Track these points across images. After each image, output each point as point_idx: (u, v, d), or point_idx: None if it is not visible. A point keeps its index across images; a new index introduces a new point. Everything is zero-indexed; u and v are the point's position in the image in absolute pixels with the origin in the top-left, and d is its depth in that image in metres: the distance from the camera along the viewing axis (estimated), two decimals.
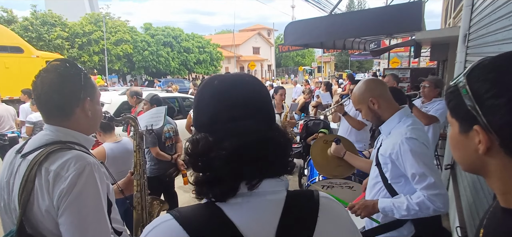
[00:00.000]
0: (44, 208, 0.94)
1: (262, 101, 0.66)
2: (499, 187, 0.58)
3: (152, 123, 2.29)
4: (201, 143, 0.62)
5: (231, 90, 0.64)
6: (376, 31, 5.39)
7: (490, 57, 0.56)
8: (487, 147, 0.54)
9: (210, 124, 0.63)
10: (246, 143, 0.60)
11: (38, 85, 1.02)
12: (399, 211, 1.40)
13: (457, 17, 6.75)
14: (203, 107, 0.65)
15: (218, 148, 0.60)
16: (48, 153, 0.96)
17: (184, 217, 0.60)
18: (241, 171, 0.60)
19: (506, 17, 1.79)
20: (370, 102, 1.53)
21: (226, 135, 0.60)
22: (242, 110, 0.62)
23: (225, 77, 0.67)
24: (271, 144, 0.62)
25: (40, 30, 19.36)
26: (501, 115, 0.50)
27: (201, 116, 0.64)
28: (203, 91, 0.66)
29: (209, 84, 0.66)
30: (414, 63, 19.28)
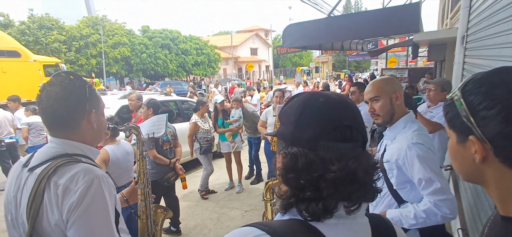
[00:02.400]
0: (53, 222, 0.94)
1: (363, 124, 0.67)
2: (497, 196, 0.60)
3: (154, 131, 2.29)
4: (301, 159, 0.61)
5: (340, 110, 0.64)
6: (374, 33, 5.41)
7: (483, 72, 0.59)
8: (482, 156, 0.57)
9: (313, 140, 0.61)
10: (356, 167, 0.60)
11: (43, 99, 1.01)
12: (407, 221, 1.39)
13: (454, 18, 6.79)
14: (307, 121, 0.63)
15: (324, 169, 0.59)
16: (56, 166, 0.96)
17: (278, 233, 0.59)
18: (346, 193, 0.60)
19: (505, 20, 1.80)
20: (394, 95, 1.51)
21: (332, 155, 0.60)
22: (349, 132, 0.62)
23: (330, 96, 0.67)
24: (373, 169, 0.64)
25: (37, 33, 19.26)
26: (493, 126, 0.53)
27: (304, 130, 0.63)
28: (307, 106, 0.65)
29: (314, 100, 0.66)
30: (412, 62, 19.37)
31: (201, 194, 4.64)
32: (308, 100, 0.66)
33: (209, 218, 4.03)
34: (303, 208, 0.60)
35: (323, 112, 0.63)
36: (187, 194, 4.75)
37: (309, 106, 0.65)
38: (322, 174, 0.59)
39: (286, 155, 0.63)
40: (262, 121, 4.57)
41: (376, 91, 1.55)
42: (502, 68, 0.58)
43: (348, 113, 0.65)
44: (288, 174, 0.62)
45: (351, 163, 0.60)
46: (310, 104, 0.65)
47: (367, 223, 0.66)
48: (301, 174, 0.60)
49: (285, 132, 0.66)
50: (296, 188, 0.61)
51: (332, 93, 0.69)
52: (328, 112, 0.63)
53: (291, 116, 0.66)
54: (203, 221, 3.95)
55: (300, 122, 0.64)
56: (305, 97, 0.67)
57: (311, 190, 0.59)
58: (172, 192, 3.62)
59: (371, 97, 1.57)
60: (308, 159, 0.60)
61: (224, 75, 35.56)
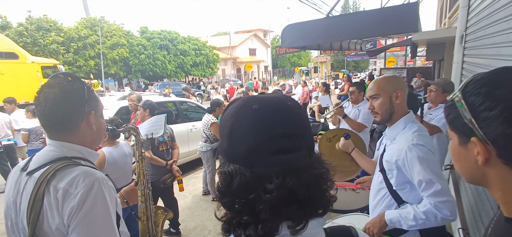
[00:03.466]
0: (54, 227, 0.93)
1: (306, 129, 0.59)
2: (501, 197, 0.59)
3: (152, 132, 2.28)
4: (236, 179, 0.54)
5: (277, 116, 0.56)
6: (373, 33, 5.42)
7: (483, 73, 0.59)
8: (485, 158, 0.56)
9: (248, 156, 0.54)
10: (294, 183, 0.52)
11: (41, 101, 1.00)
12: (407, 222, 1.38)
13: (452, 17, 6.81)
14: (240, 135, 0.55)
15: (261, 189, 0.52)
16: (55, 170, 0.95)
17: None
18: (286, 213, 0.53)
19: (504, 19, 1.80)
20: (395, 94, 1.50)
21: (269, 170, 0.53)
22: (288, 141, 0.54)
23: (266, 101, 0.58)
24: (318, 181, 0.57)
25: (35, 35, 19.18)
26: (496, 126, 0.53)
27: (236, 145, 0.55)
28: (240, 116, 0.57)
29: (246, 108, 0.57)
30: (410, 62, 19.42)
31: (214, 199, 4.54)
32: (240, 109, 0.57)
33: (208, 219, 4.02)
34: (241, 233, 0.54)
35: (257, 120, 0.55)
36: (187, 195, 4.74)
37: (241, 115, 0.56)
38: (258, 195, 0.52)
39: (221, 175, 0.56)
40: None
41: (376, 89, 1.55)
42: (502, 68, 0.58)
43: (287, 118, 0.56)
44: (222, 197, 0.56)
45: (288, 180, 0.52)
46: (242, 113, 0.57)
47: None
48: (236, 196, 0.54)
49: (221, 147, 0.59)
50: (232, 212, 0.55)
51: (269, 97, 0.60)
52: (263, 120, 0.55)
53: (225, 129, 0.58)
54: (203, 222, 3.94)
55: (233, 135, 0.56)
56: (238, 105, 0.59)
57: (247, 214, 0.53)
58: (170, 193, 3.60)
59: (371, 95, 1.57)
60: (243, 179, 0.53)
61: (223, 76, 35.56)
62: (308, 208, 0.55)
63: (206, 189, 4.76)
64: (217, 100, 4.72)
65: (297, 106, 0.60)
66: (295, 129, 0.56)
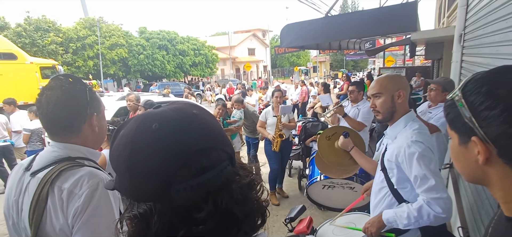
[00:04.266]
0: (58, 227, 0.93)
1: (221, 137, 0.50)
2: (501, 196, 0.59)
3: None
4: (154, 221, 0.44)
5: (187, 132, 0.46)
6: (372, 32, 5.43)
7: (483, 72, 0.59)
8: (486, 157, 0.56)
9: (160, 189, 0.43)
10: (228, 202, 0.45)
11: (43, 104, 1.00)
12: (401, 220, 1.38)
13: (451, 16, 6.82)
14: (143, 166, 0.44)
15: (190, 222, 0.43)
16: (59, 171, 0.95)
17: None
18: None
19: (503, 19, 1.81)
20: (397, 93, 1.50)
21: (191, 199, 0.43)
22: (206, 157, 0.46)
23: (166, 116, 0.47)
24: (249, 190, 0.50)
25: (34, 36, 19.13)
26: (496, 126, 0.53)
27: (143, 180, 0.44)
28: (137, 141, 0.45)
29: (144, 129, 0.46)
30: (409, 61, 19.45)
31: None
32: (136, 133, 0.46)
33: None
34: None
35: (162, 142, 0.44)
36: None
37: (140, 140, 0.45)
38: (187, 232, 0.43)
39: (132, 221, 0.45)
40: (261, 122, 4.56)
41: (379, 88, 1.55)
42: (502, 67, 0.58)
43: (198, 130, 0.47)
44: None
45: (220, 201, 0.44)
46: (139, 137, 0.45)
47: None
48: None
49: (121, 186, 0.47)
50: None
51: (170, 109, 0.49)
52: (169, 140, 0.44)
53: (120, 162, 0.46)
54: None
55: (135, 171, 0.44)
56: (132, 129, 0.47)
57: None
58: None
59: (373, 93, 1.57)
60: (163, 218, 0.43)
61: (222, 76, 35.55)
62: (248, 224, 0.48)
63: None
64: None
65: (205, 113, 0.52)
66: (210, 141, 0.47)
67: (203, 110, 0.52)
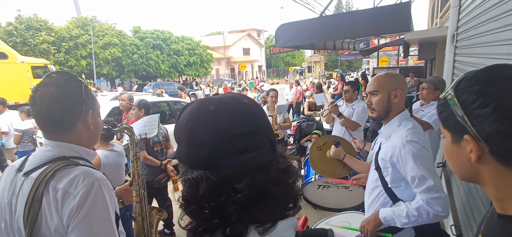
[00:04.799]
0: (53, 227, 0.91)
1: (266, 125, 0.58)
2: (494, 194, 0.60)
3: (146, 132, 2.27)
4: (202, 184, 0.52)
5: (236, 115, 0.55)
6: (366, 32, 5.46)
7: (475, 70, 0.59)
8: (478, 155, 0.57)
9: (212, 159, 0.52)
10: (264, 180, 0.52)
11: (37, 100, 0.98)
12: (400, 219, 1.39)
13: (444, 17, 6.90)
14: (200, 139, 0.53)
15: (230, 190, 0.51)
16: (54, 170, 0.93)
17: None
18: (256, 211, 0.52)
19: (495, 19, 1.84)
20: (394, 93, 1.51)
21: (234, 172, 0.51)
22: (251, 139, 0.53)
23: (222, 101, 0.56)
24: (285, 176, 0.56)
25: (25, 34, 18.83)
26: (488, 124, 0.53)
27: (198, 150, 0.53)
28: (197, 119, 0.54)
29: (202, 110, 0.55)
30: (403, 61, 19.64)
31: None
32: (196, 112, 0.56)
33: None
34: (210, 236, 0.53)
35: (216, 122, 0.53)
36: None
37: (198, 118, 0.54)
38: (228, 197, 0.51)
39: (186, 183, 0.54)
40: None
41: (376, 86, 1.55)
42: (494, 66, 0.59)
43: (247, 116, 0.56)
44: (190, 206, 0.54)
45: (258, 177, 0.52)
46: (198, 116, 0.55)
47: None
48: (204, 202, 0.52)
49: (180, 154, 0.57)
50: (201, 219, 0.53)
51: (225, 96, 0.59)
52: (222, 121, 0.53)
53: (182, 135, 0.55)
54: None
55: (192, 140, 0.53)
56: (193, 108, 0.57)
57: (218, 218, 0.52)
58: (164, 193, 3.58)
59: (370, 91, 1.58)
60: (210, 183, 0.52)
61: (217, 76, 35.46)
62: (280, 205, 0.55)
63: None
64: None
65: (254, 103, 0.60)
66: (256, 126, 0.55)
67: (252, 101, 0.62)
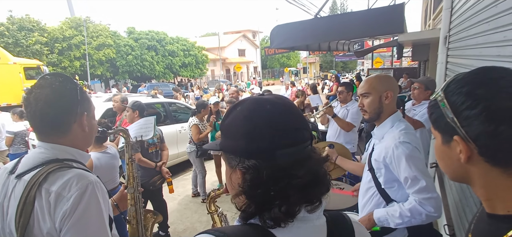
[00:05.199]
0: (45, 231, 0.90)
1: (308, 124, 0.68)
2: (483, 194, 0.61)
3: (142, 134, 2.25)
4: (266, 171, 0.59)
5: (288, 113, 0.63)
6: (360, 34, 5.50)
7: (464, 73, 0.60)
8: (467, 156, 0.58)
9: (270, 150, 0.60)
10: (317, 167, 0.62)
11: (32, 102, 0.97)
12: (393, 220, 1.40)
13: (436, 19, 6.99)
14: (260, 133, 0.61)
15: (290, 176, 0.59)
16: (47, 173, 0.92)
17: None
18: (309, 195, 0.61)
19: (486, 21, 1.86)
20: (385, 94, 1.52)
21: (291, 161, 0.60)
22: (301, 134, 0.63)
23: (275, 101, 0.65)
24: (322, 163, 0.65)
25: (17, 35, 18.57)
26: (477, 125, 0.54)
27: (257, 142, 0.61)
28: (255, 116, 0.63)
29: (261, 108, 0.63)
30: (397, 62, 19.83)
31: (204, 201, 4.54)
32: (255, 110, 0.64)
33: (198, 221, 3.99)
34: (267, 217, 0.59)
35: (273, 119, 0.62)
36: (176, 197, 4.69)
37: (258, 116, 0.62)
38: (289, 182, 0.59)
39: (248, 170, 0.60)
40: None
41: (367, 88, 1.57)
42: (482, 68, 0.60)
43: (295, 115, 0.65)
44: (256, 190, 0.59)
45: (311, 164, 0.61)
46: (258, 114, 0.63)
47: (323, 224, 0.66)
48: (269, 186, 0.59)
49: (235, 146, 0.63)
50: (264, 201, 0.59)
51: (275, 97, 0.67)
52: (278, 118, 0.62)
53: (239, 129, 0.63)
54: (193, 225, 3.90)
55: (252, 135, 0.61)
56: (251, 107, 0.64)
57: (279, 199, 0.59)
58: (159, 195, 3.56)
59: (362, 93, 1.60)
60: (271, 170, 0.59)
61: (212, 77, 35.38)
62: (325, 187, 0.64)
63: (195, 190, 4.72)
64: (202, 102, 4.70)
65: (295, 105, 0.69)
66: (302, 123, 0.65)
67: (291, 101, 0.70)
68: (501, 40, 1.55)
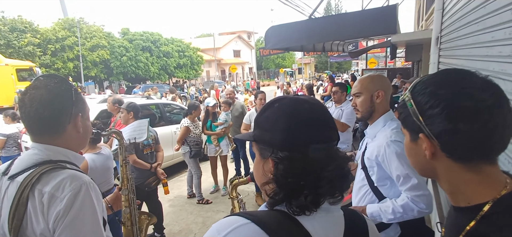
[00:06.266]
0: (39, 232, 0.90)
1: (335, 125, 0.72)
2: (447, 188, 0.65)
3: (135, 136, 2.25)
4: (297, 163, 0.64)
5: (322, 113, 0.70)
6: (354, 34, 5.54)
7: (430, 74, 0.65)
8: (431, 152, 0.62)
9: (305, 145, 0.65)
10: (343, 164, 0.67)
11: (26, 103, 0.97)
12: (386, 215, 1.43)
13: (429, 20, 7.07)
14: (299, 128, 0.66)
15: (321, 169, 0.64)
16: (40, 173, 0.92)
17: (262, 222, 0.62)
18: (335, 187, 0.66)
19: (475, 22, 1.90)
20: (376, 93, 1.56)
21: (322, 156, 0.65)
22: (333, 133, 0.69)
23: (312, 102, 0.71)
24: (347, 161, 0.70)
25: (9, 36, 18.31)
26: (438, 123, 0.58)
27: (296, 136, 0.66)
28: (296, 114, 0.68)
29: (301, 107, 0.69)
30: (391, 63, 19.99)
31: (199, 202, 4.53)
32: (295, 108, 0.69)
33: (194, 222, 3.98)
34: (294, 204, 0.64)
35: (311, 117, 0.67)
36: (172, 198, 4.68)
37: (298, 113, 0.68)
38: (319, 174, 0.63)
39: (281, 161, 0.65)
40: (245, 124, 4.55)
41: (359, 88, 1.61)
42: (446, 70, 0.64)
43: (328, 116, 0.71)
44: (288, 178, 0.64)
45: (340, 161, 0.67)
46: (298, 111, 0.68)
47: (341, 216, 0.72)
48: (301, 176, 0.64)
49: (272, 138, 0.68)
50: (294, 189, 0.64)
51: (311, 99, 0.73)
52: (315, 117, 0.68)
53: (278, 124, 0.68)
54: (188, 226, 3.89)
55: (292, 129, 0.66)
56: (292, 104, 0.70)
57: (308, 188, 0.64)
58: (155, 197, 3.55)
59: (354, 93, 1.64)
60: (303, 162, 0.64)
61: (208, 78, 35.29)
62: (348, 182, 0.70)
63: (190, 192, 4.71)
64: (194, 104, 4.70)
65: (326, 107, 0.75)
66: (333, 123, 0.71)
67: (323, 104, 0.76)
68: (489, 41, 1.59)
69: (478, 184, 0.60)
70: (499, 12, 1.43)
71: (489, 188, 0.59)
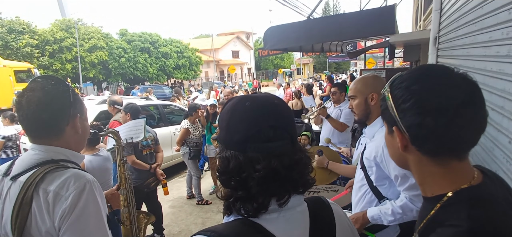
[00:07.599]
0: (44, 230, 0.91)
1: (289, 123, 0.70)
2: (417, 179, 0.69)
3: (132, 136, 2.25)
4: (232, 162, 0.65)
5: (265, 111, 0.67)
6: (352, 35, 5.55)
7: (407, 70, 0.66)
8: (404, 145, 0.64)
9: (241, 143, 0.65)
10: (277, 165, 0.64)
11: (24, 105, 0.97)
12: (386, 217, 1.43)
13: (427, 20, 7.10)
14: (235, 126, 0.67)
15: (251, 169, 0.63)
16: (44, 173, 0.93)
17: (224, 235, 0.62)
18: (272, 189, 0.65)
19: (473, 22, 1.91)
20: (370, 96, 1.56)
21: (258, 155, 0.64)
22: (273, 132, 0.66)
23: (256, 98, 0.70)
24: (297, 164, 0.68)
25: (7, 38, 18.26)
26: (409, 116, 0.60)
27: (232, 134, 0.66)
28: (235, 111, 0.69)
29: (240, 104, 0.69)
30: (389, 63, 20.03)
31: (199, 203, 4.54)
32: (235, 105, 0.70)
33: (193, 223, 3.98)
34: (239, 207, 0.65)
35: (249, 115, 0.66)
36: (171, 199, 4.67)
37: (236, 110, 0.68)
38: (249, 174, 0.63)
39: (220, 159, 0.68)
40: None
41: (353, 91, 1.64)
42: (422, 65, 0.66)
43: (273, 113, 0.68)
44: (221, 176, 0.67)
45: (273, 162, 0.64)
46: (237, 108, 0.69)
47: (305, 210, 0.72)
48: (231, 175, 0.65)
49: (220, 136, 0.71)
50: (229, 188, 0.66)
51: (260, 95, 0.73)
52: (253, 114, 0.66)
53: (223, 121, 0.70)
54: (188, 227, 3.89)
55: (230, 126, 0.67)
56: (234, 102, 0.71)
57: (241, 190, 0.64)
58: (154, 197, 3.54)
59: (350, 95, 1.66)
60: (237, 161, 0.64)
61: (206, 78, 35.28)
62: (290, 185, 0.67)
63: (190, 192, 4.71)
64: (194, 105, 4.70)
65: (282, 103, 0.72)
66: (279, 122, 0.67)
67: (281, 101, 0.74)
68: (486, 41, 1.60)
69: (442, 177, 0.63)
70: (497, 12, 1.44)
71: (451, 181, 0.62)
